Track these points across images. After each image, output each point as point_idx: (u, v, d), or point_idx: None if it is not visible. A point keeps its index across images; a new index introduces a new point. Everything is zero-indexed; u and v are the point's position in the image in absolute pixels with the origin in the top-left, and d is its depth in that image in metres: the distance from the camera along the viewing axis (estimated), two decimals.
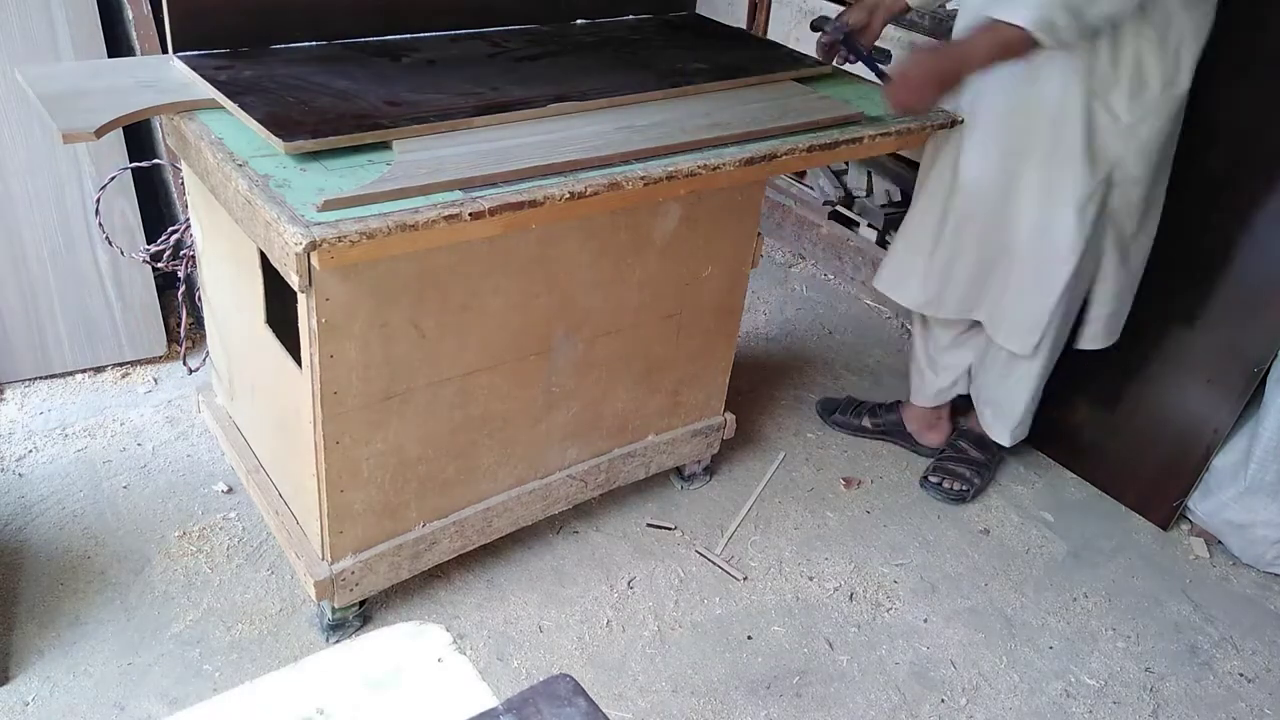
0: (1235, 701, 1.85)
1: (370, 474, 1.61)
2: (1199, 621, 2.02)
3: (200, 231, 1.86)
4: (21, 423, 2.17)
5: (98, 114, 1.47)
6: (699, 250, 1.82)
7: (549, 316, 1.68)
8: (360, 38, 1.76)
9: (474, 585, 1.89)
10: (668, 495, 2.18)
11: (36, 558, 1.85)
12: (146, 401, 2.27)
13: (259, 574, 1.87)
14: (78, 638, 1.71)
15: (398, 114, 1.49)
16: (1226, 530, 2.17)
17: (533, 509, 1.89)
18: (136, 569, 1.85)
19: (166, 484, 2.05)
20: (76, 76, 1.62)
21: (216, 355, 2.01)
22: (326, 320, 1.40)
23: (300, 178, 1.43)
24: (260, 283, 1.59)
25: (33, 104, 1.53)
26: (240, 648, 1.72)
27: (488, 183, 1.40)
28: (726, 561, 2.02)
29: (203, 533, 1.94)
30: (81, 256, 2.20)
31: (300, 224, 1.31)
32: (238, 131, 1.55)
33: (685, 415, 2.06)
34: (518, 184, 1.41)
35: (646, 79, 1.73)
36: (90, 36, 2.09)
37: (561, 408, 1.82)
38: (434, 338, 1.55)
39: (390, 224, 1.35)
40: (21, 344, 2.23)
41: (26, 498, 1.98)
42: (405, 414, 1.59)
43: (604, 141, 1.50)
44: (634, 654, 1.81)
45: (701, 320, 1.93)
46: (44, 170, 2.11)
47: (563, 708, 0.82)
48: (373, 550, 1.68)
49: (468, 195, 1.36)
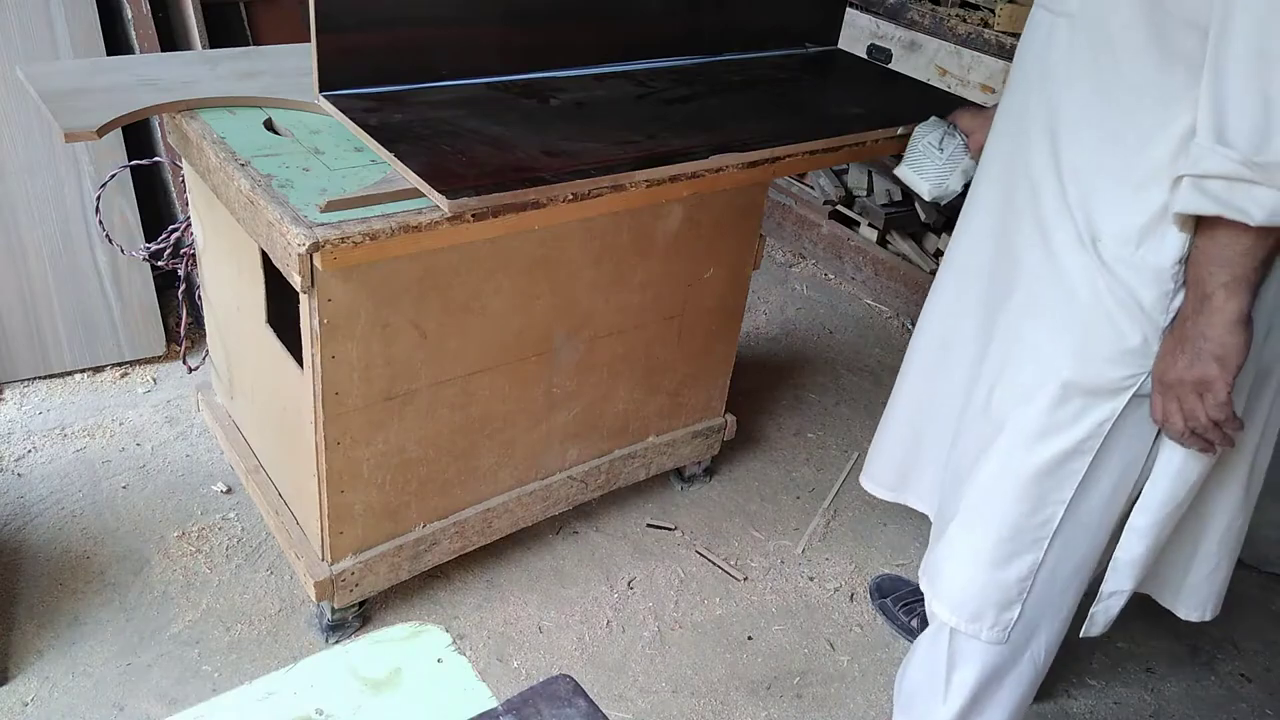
0: (1236, 702, 1.85)
1: (371, 475, 1.61)
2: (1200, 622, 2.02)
3: (201, 230, 1.85)
4: (20, 422, 2.17)
5: (99, 112, 1.46)
6: (701, 251, 1.82)
7: (550, 317, 1.68)
8: (503, 75, 1.70)
9: (474, 586, 1.89)
10: (668, 496, 2.18)
11: (36, 558, 1.85)
12: (146, 401, 2.27)
13: (258, 574, 1.86)
14: (77, 638, 1.71)
15: (558, 166, 1.44)
16: None
17: (533, 510, 1.89)
18: (136, 569, 1.85)
19: (166, 484, 2.05)
20: (77, 74, 1.61)
21: (216, 355, 2.01)
22: (328, 321, 1.40)
23: (303, 178, 1.43)
24: (261, 282, 1.58)
25: (34, 102, 1.52)
26: (239, 648, 1.72)
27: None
28: (726, 562, 2.02)
29: (202, 533, 1.94)
30: (81, 256, 2.20)
31: (303, 225, 1.31)
32: (240, 131, 1.55)
33: (686, 416, 2.06)
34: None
35: (803, 125, 1.71)
36: (89, 35, 2.09)
37: (562, 408, 1.81)
38: (435, 339, 1.54)
39: (393, 225, 1.35)
40: (20, 343, 2.22)
41: (25, 498, 1.98)
42: (406, 415, 1.58)
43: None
44: (634, 654, 1.81)
45: (703, 321, 1.93)
46: (43, 169, 2.10)
47: (562, 708, 0.82)
48: (373, 551, 1.68)
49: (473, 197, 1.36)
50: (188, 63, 1.74)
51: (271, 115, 1.60)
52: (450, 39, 1.63)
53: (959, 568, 1.39)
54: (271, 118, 1.59)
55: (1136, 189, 1.14)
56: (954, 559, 1.39)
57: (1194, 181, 1.06)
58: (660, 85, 1.80)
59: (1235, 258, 1.07)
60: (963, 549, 1.38)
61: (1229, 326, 1.10)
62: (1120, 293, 1.17)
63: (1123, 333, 1.18)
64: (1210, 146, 1.03)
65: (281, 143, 1.53)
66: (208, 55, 1.80)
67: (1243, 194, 1.02)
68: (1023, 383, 1.28)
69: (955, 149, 1.65)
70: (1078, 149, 1.20)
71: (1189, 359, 1.13)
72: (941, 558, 1.42)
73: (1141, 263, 1.15)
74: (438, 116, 1.54)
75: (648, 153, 1.53)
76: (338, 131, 1.54)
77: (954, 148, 1.65)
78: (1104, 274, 1.18)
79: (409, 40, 1.58)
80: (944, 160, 1.65)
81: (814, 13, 2.10)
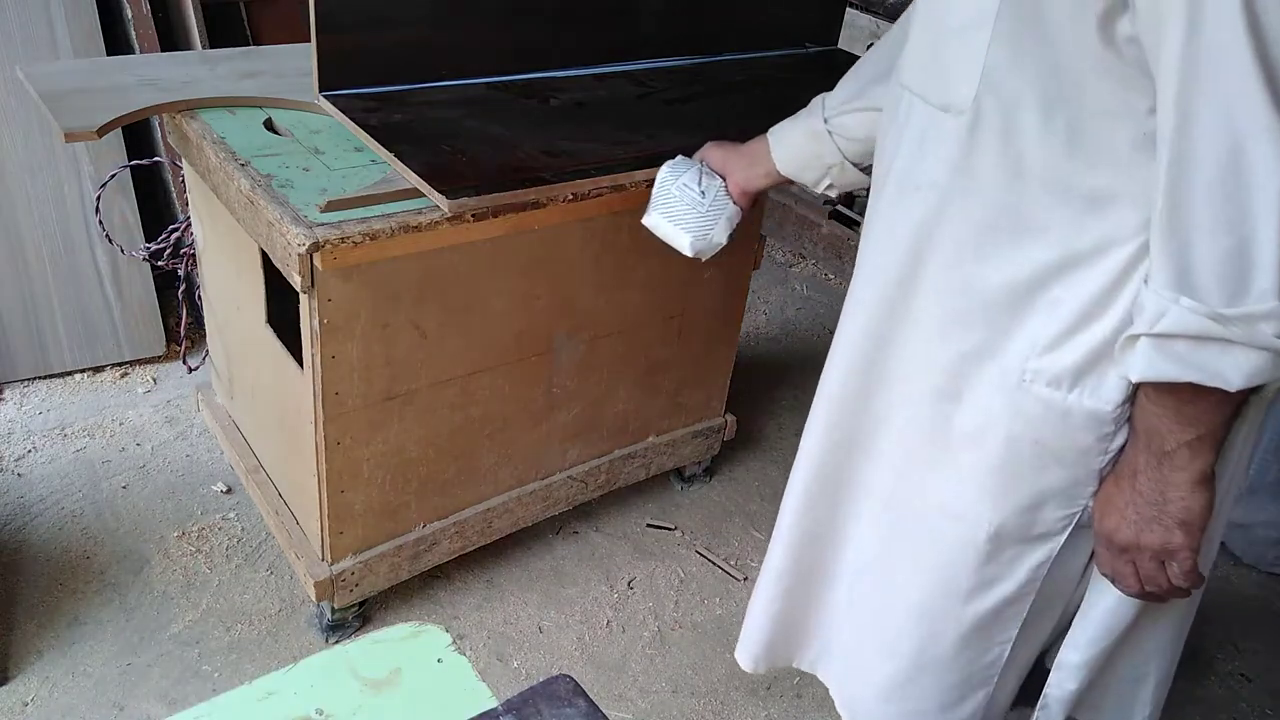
0: (1236, 702, 1.85)
1: (371, 475, 1.60)
2: (1199, 622, 1.99)
3: (201, 230, 1.85)
4: (20, 422, 2.17)
5: (100, 112, 1.46)
6: None
7: (550, 317, 1.68)
8: (503, 75, 1.70)
9: (474, 586, 1.89)
10: (668, 496, 2.18)
11: (35, 558, 1.84)
12: (146, 401, 2.27)
13: (258, 574, 1.86)
14: (77, 638, 1.70)
15: (558, 166, 1.45)
16: (1229, 531, 2.16)
17: (533, 510, 1.89)
18: (135, 569, 1.84)
19: (165, 484, 2.05)
20: (78, 74, 1.61)
21: (216, 355, 2.00)
22: (328, 321, 1.40)
23: (303, 178, 1.43)
24: (261, 282, 1.58)
25: (34, 102, 1.52)
26: (239, 648, 1.72)
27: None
28: (727, 562, 2.02)
29: (202, 533, 1.94)
30: (81, 256, 2.20)
31: (303, 224, 1.31)
32: (240, 131, 1.55)
33: (686, 416, 2.06)
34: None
35: None
36: (89, 35, 2.09)
37: (562, 409, 1.81)
38: (435, 339, 1.54)
39: (393, 225, 1.35)
40: (20, 343, 2.22)
41: (25, 498, 1.98)
42: (406, 415, 1.58)
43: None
44: (634, 654, 1.81)
45: (703, 321, 1.93)
46: (43, 169, 2.10)
47: (562, 708, 0.82)
48: (373, 551, 1.68)
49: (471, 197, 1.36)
50: (188, 63, 1.74)
51: (271, 115, 1.60)
52: (450, 39, 1.63)
53: (905, 713, 1.28)
54: (271, 118, 1.59)
55: (1067, 325, 0.97)
56: (898, 703, 1.28)
57: (1154, 343, 0.86)
58: (660, 85, 1.80)
59: (1201, 415, 0.89)
60: (909, 697, 1.26)
61: (1193, 487, 0.92)
62: (1048, 437, 1.01)
63: (1052, 479, 1.03)
64: (1171, 298, 0.84)
65: (281, 143, 1.53)
66: (207, 55, 1.80)
67: (1215, 356, 0.83)
68: (942, 540, 1.14)
69: (717, 193, 1.39)
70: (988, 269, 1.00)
71: (1144, 521, 0.96)
72: (876, 700, 1.30)
73: (1076, 407, 0.98)
74: (438, 116, 1.54)
75: (648, 153, 1.53)
76: (338, 131, 1.54)
77: (715, 191, 1.39)
78: (1025, 418, 1.02)
79: (409, 40, 1.58)
80: (706, 206, 1.39)
81: (814, 13, 2.10)
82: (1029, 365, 1.00)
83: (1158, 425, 0.92)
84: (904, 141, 1.07)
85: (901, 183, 1.08)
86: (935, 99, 1.00)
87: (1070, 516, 1.06)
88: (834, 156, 1.35)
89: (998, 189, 0.97)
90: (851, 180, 1.38)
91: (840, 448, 1.25)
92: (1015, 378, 1.01)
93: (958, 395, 1.07)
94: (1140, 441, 0.95)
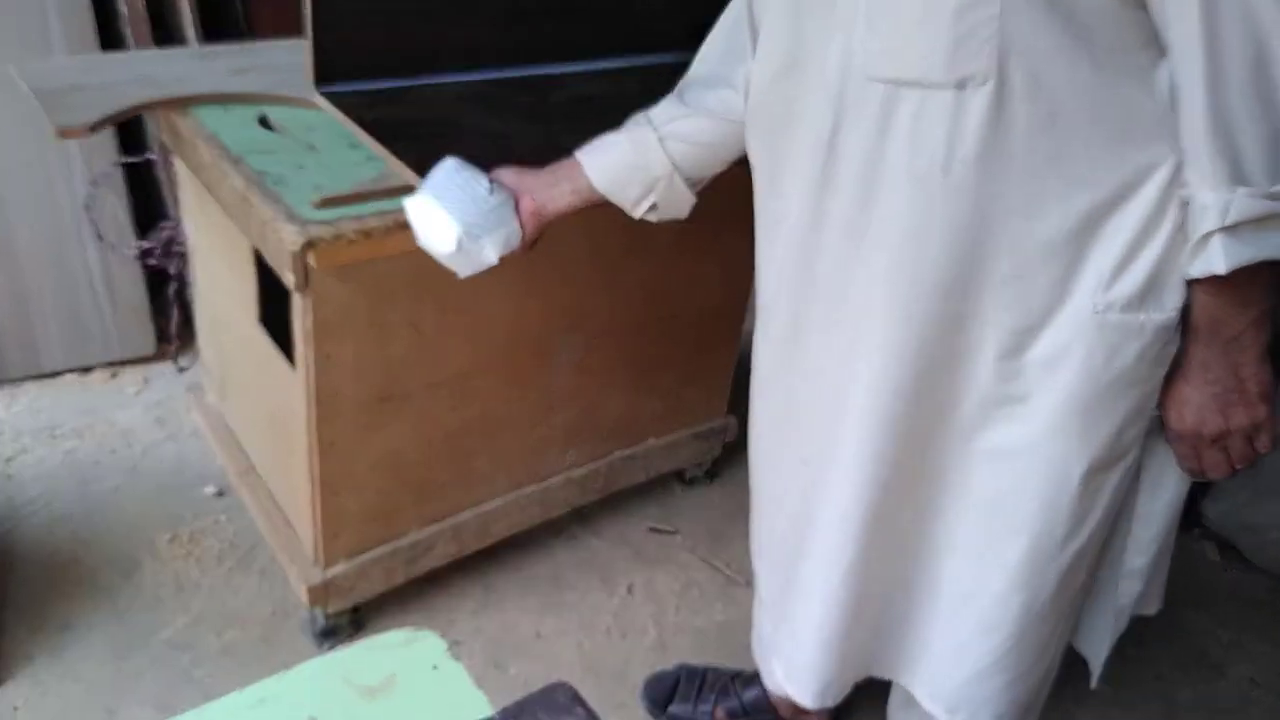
0: (1247, 706, 1.84)
1: (365, 477, 1.58)
2: (1209, 625, 2.00)
3: (193, 228, 1.83)
4: (9, 423, 2.14)
5: (92, 109, 1.45)
6: (700, 250, 1.80)
7: (548, 317, 1.66)
8: (502, 70, 1.68)
9: (470, 591, 1.87)
10: (669, 499, 2.16)
11: (25, 560, 1.82)
12: (136, 402, 2.25)
13: (250, 578, 1.84)
14: (67, 642, 1.68)
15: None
16: (1239, 534, 2.15)
17: (531, 513, 1.87)
18: (126, 572, 1.82)
19: (156, 486, 2.02)
20: (71, 71, 1.60)
21: (208, 354, 1.99)
22: (322, 320, 1.38)
23: (297, 175, 1.41)
24: (254, 281, 1.56)
25: (26, 99, 1.51)
26: (231, 653, 1.69)
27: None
28: (729, 566, 2.00)
29: (193, 536, 1.91)
30: (71, 255, 2.18)
31: (297, 222, 1.29)
32: (233, 127, 1.53)
33: (686, 417, 2.04)
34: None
35: None
36: (83, 31, 2.07)
37: (560, 410, 1.79)
38: (431, 339, 1.52)
39: (389, 222, 1.33)
40: (10, 343, 2.20)
41: (14, 499, 1.95)
42: (401, 416, 1.56)
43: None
44: (634, 661, 1.78)
45: (703, 321, 1.91)
46: (34, 166, 2.08)
47: (561, 716, 0.81)
48: (367, 555, 1.66)
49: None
50: (182, 59, 1.74)
51: (266, 111, 1.58)
52: (448, 33, 1.61)
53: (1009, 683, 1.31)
54: (266, 114, 1.57)
55: (1128, 251, 1.03)
56: (1001, 674, 1.30)
57: (1229, 235, 0.95)
58: (662, 81, 1.79)
59: (1258, 295, 0.99)
60: (1009, 667, 1.29)
61: (1260, 362, 1.02)
62: (1127, 360, 1.06)
63: (1131, 400, 1.10)
64: (1230, 191, 0.93)
65: (275, 139, 1.51)
66: (202, 51, 1.79)
67: (1276, 230, 0.94)
68: (1037, 497, 1.16)
69: (503, 203, 1.23)
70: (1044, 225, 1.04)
71: (1229, 407, 1.04)
72: (979, 681, 1.31)
73: (1149, 323, 1.05)
74: (435, 112, 1.52)
75: None
76: (333, 127, 1.52)
77: (503, 200, 1.23)
78: (1104, 349, 1.06)
79: (406, 35, 1.56)
80: (489, 209, 1.21)
81: None
82: (1098, 299, 1.05)
83: (1220, 314, 1.01)
84: (890, 135, 1.04)
85: (910, 174, 1.04)
86: (941, 78, 0.98)
87: (1143, 430, 1.14)
88: (663, 168, 1.27)
89: (1035, 147, 1.00)
90: (677, 201, 1.31)
91: (903, 472, 1.21)
92: (1088, 313, 1.05)
93: (1025, 353, 1.10)
94: (1203, 336, 1.04)
